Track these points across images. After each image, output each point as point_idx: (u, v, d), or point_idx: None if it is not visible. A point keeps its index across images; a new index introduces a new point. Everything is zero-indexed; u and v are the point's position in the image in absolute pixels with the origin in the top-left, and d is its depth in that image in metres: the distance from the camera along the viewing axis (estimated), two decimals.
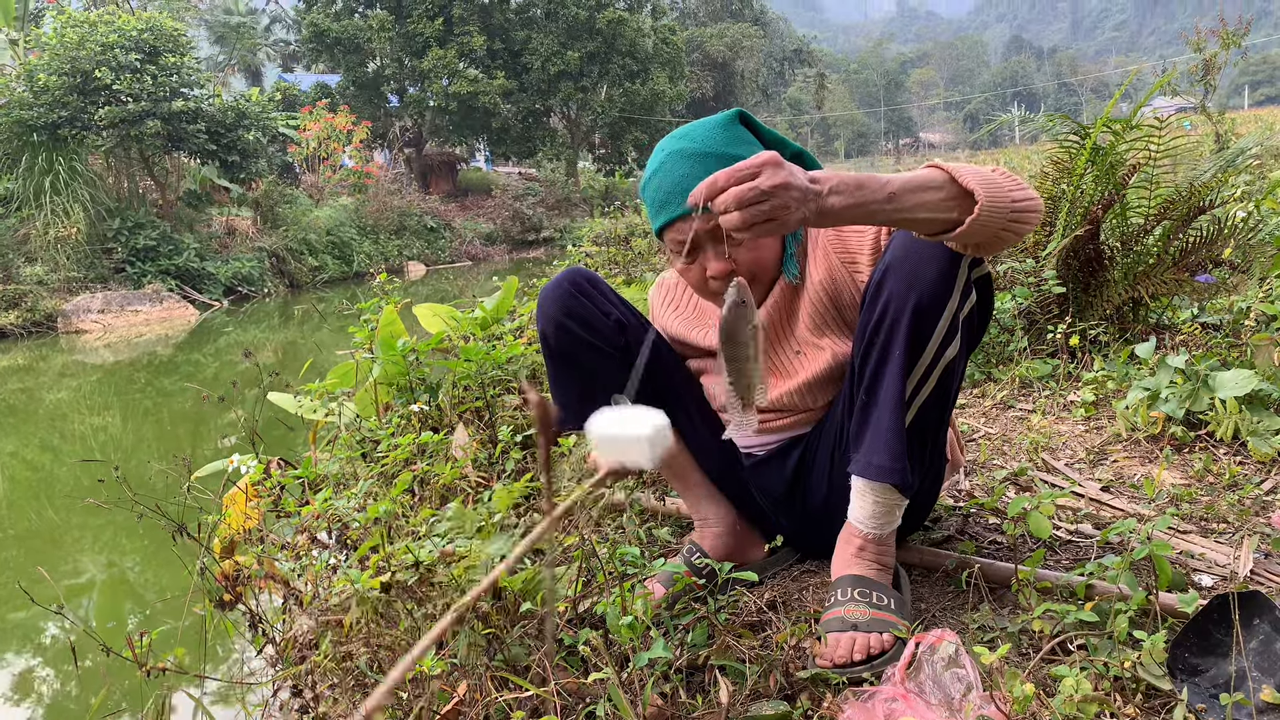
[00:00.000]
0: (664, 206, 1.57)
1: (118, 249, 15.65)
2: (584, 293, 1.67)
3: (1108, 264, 3.33)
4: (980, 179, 1.30)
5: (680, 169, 1.55)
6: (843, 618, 1.53)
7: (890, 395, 1.46)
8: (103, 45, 15.68)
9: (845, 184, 1.25)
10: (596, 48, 30.67)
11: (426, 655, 1.39)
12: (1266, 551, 1.76)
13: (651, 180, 1.60)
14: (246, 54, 42.13)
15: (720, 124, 1.58)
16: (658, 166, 1.59)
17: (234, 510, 2.79)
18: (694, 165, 1.54)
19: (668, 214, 1.57)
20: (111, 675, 2.49)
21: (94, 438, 7.41)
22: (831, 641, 1.49)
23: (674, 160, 1.56)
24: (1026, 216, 1.33)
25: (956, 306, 1.42)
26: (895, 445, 1.47)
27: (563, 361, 1.69)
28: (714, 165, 1.50)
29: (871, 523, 1.59)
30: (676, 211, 1.55)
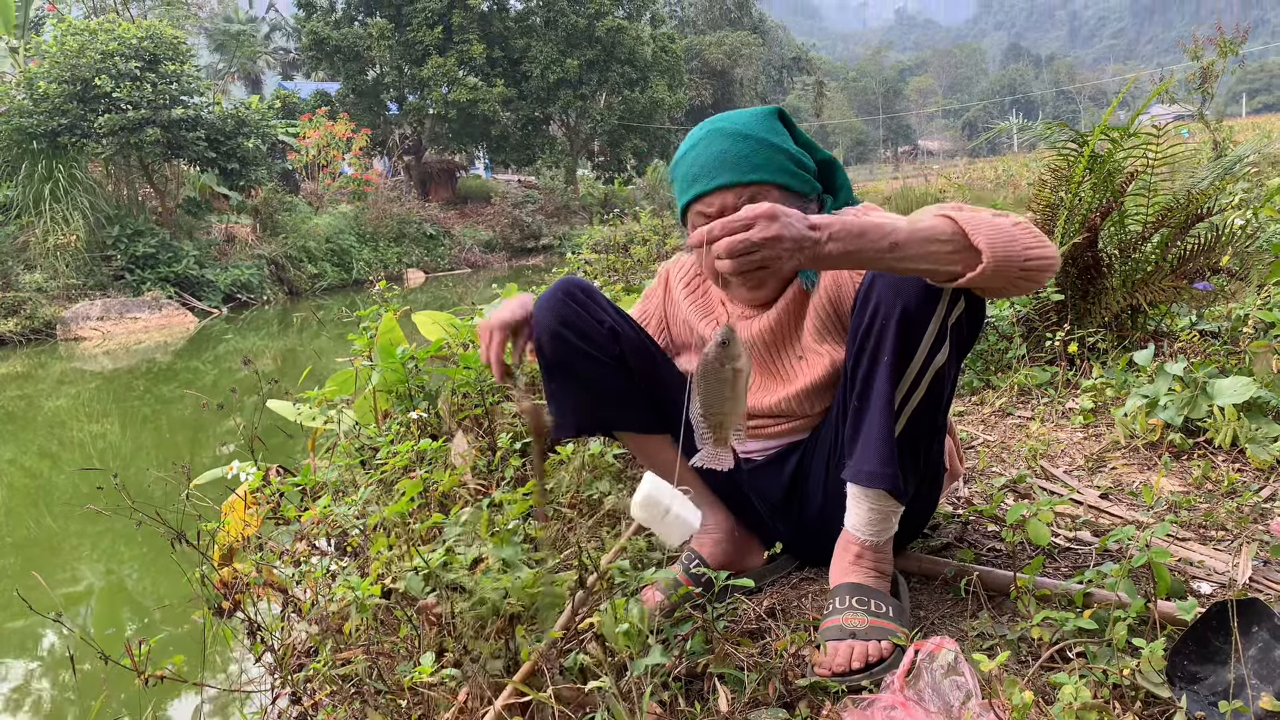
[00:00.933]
0: (696, 180, 1.57)
1: (117, 256, 15.66)
2: (578, 302, 1.67)
3: (1106, 271, 3.33)
4: (991, 235, 1.28)
5: (718, 145, 1.56)
6: (841, 625, 1.53)
7: (880, 402, 1.46)
8: (103, 53, 15.71)
9: (846, 231, 1.26)
10: (595, 56, 30.74)
11: (425, 663, 1.39)
12: (1265, 559, 1.76)
13: (686, 156, 1.60)
14: (246, 62, 42.22)
15: (761, 114, 1.61)
16: (694, 143, 1.59)
17: (233, 517, 2.79)
18: (733, 142, 1.55)
19: (700, 187, 1.56)
20: (110, 683, 2.49)
21: (93, 445, 7.40)
22: (830, 650, 1.49)
23: (712, 137, 1.57)
24: (1036, 275, 1.32)
25: (945, 313, 1.42)
26: (885, 451, 1.47)
27: (558, 371, 1.69)
28: (752, 146, 1.54)
29: (868, 530, 1.59)
30: (710, 184, 1.55)
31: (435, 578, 1.55)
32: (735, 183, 1.54)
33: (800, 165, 1.59)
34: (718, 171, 1.55)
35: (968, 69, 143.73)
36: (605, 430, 1.83)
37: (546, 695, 1.36)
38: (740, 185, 1.54)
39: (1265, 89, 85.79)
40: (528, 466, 2.80)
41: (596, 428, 1.81)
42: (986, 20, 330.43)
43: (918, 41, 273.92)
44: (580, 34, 30.32)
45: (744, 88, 48.28)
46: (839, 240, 1.25)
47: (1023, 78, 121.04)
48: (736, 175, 1.55)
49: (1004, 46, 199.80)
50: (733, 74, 47.02)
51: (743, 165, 1.55)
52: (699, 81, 44.73)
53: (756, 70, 50.56)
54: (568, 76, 29.96)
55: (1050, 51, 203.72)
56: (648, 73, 32.59)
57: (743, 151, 1.55)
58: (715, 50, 46.71)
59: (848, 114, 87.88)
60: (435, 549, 1.65)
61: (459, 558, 1.64)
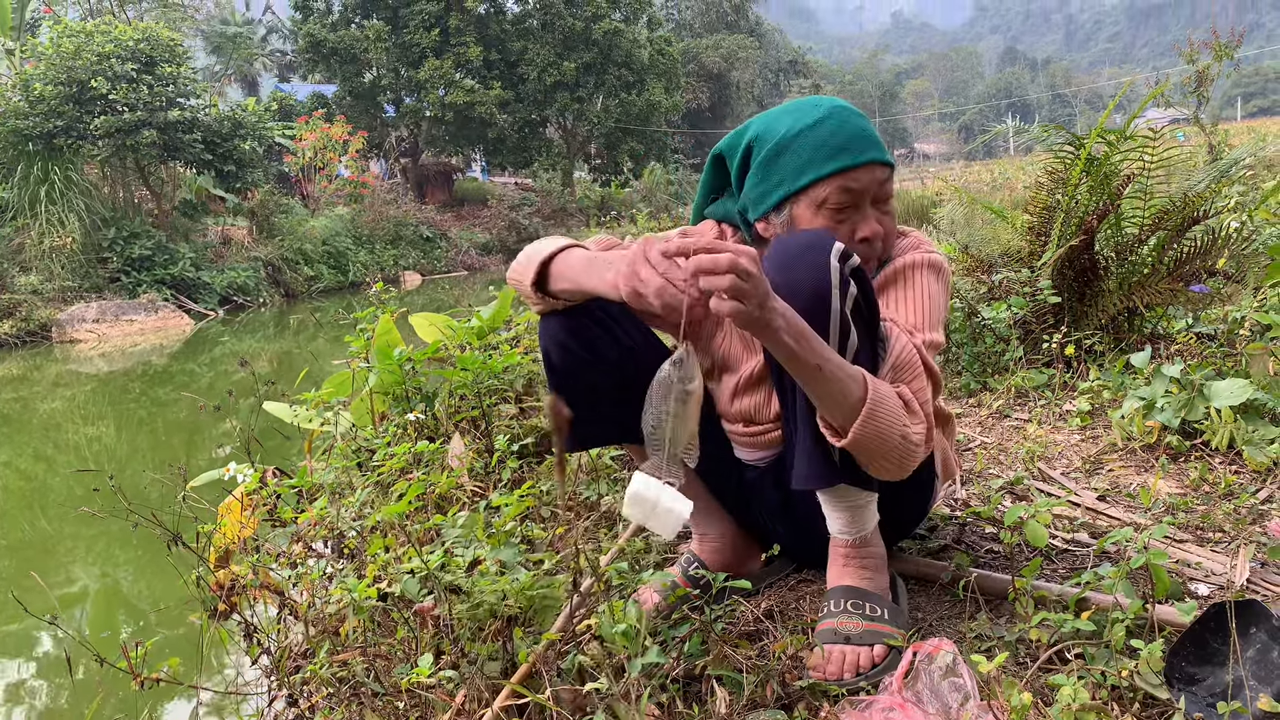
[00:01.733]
0: (844, 150, 1.49)
1: (113, 258, 15.64)
2: (595, 320, 1.61)
3: (1103, 274, 3.34)
4: (883, 414, 1.37)
5: (856, 121, 1.52)
6: (835, 629, 1.53)
7: (802, 410, 1.45)
8: (99, 55, 15.70)
9: (792, 323, 1.28)
10: (592, 58, 30.75)
11: (423, 664, 1.39)
12: (1263, 560, 1.76)
13: (819, 127, 1.51)
14: (243, 64, 42.19)
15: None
16: (824, 116, 1.52)
17: (229, 519, 2.78)
18: (865, 121, 1.53)
19: (849, 159, 1.49)
20: (105, 686, 2.48)
21: (88, 448, 7.39)
22: (824, 654, 1.49)
23: (844, 113, 1.53)
24: (901, 463, 1.41)
25: (840, 304, 1.40)
26: (814, 450, 1.46)
27: (565, 379, 1.65)
28: (874, 129, 1.53)
29: (849, 530, 1.59)
30: (860, 157, 1.49)
31: (433, 579, 1.54)
32: (883, 160, 1.51)
33: None
34: (867, 145, 1.50)
35: (964, 72, 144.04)
36: (611, 442, 1.82)
37: (545, 697, 1.36)
38: (885, 164, 1.52)
39: (1260, 93, 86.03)
40: (527, 469, 2.80)
41: (603, 440, 1.79)
42: (983, 24, 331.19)
43: (914, 45, 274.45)
44: (577, 37, 30.34)
45: (740, 91, 48.35)
46: (784, 320, 1.27)
47: (1019, 81, 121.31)
48: (883, 153, 1.52)
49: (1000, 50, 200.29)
50: (729, 77, 47.08)
51: (881, 146, 1.53)
52: (696, 85, 44.78)
53: (753, 73, 50.64)
54: (565, 79, 29.97)
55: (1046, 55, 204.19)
56: (644, 76, 32.61)
57: (875, 133, 1.53)
58: (712, 53, 46.78)
59: None
60: (433, 551, 1.65)
61: (457, 559, 1.64)
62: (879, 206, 1.54)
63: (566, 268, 1.50)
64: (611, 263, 1.40)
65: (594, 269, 1.44)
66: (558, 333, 1.60)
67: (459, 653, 1.53)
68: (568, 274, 1.50)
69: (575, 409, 1.68)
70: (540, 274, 1.53)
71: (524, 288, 1.56)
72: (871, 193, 1.52)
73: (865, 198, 1.52)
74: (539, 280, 1.53)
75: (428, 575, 1.56)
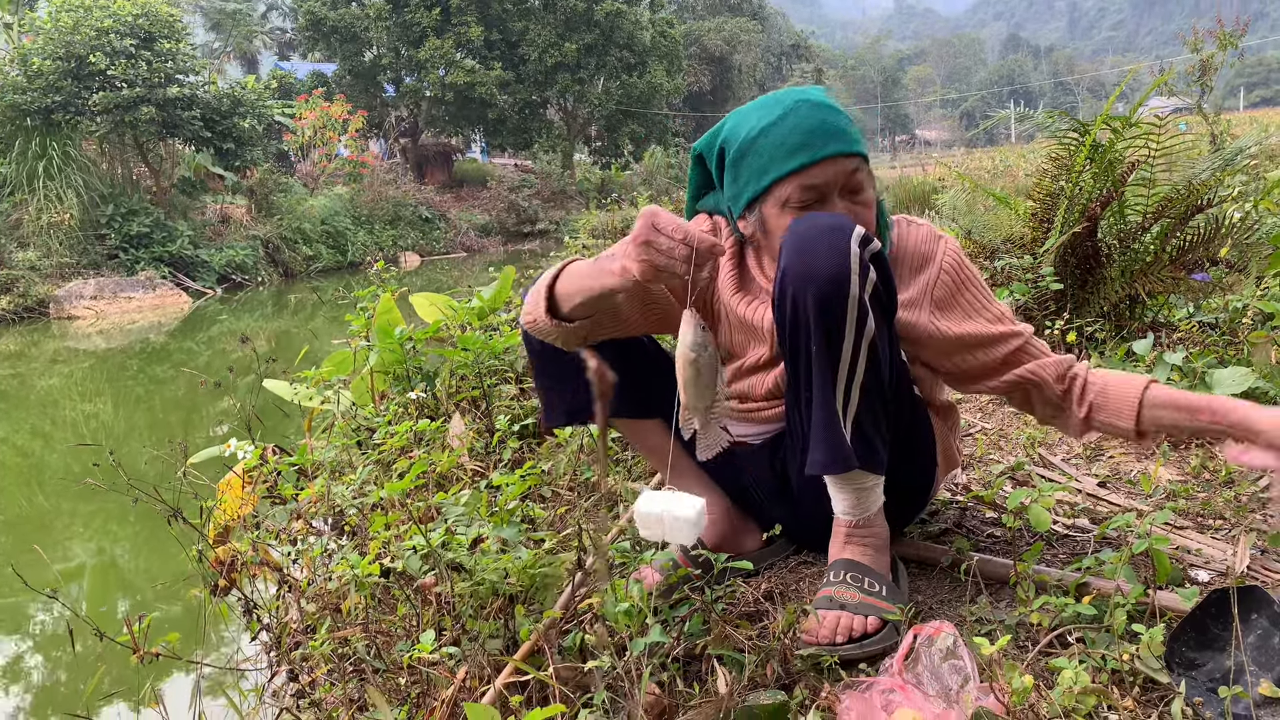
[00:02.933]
0: (803, 147, 1.46)
1: (111, 235, 15.59)
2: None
3: (1105, 261, 3.33)
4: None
5: (819, 114, 1.48)
6: (832, 597, 1.54)
7: (820, 391, 1.45)
8: (98, 30, 15.60)
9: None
10: (594, 40, 30.60)
11: (425, 641, 1.39)
12: (1263, 548, 1.76)
13: (778, 125, 1.48)
14: (242, 41, 41.96)
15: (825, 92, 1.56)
16: (785, 112, 1.48)
17: (229, 495, 2.78)
18: (829, 113, 1.48)
19: (811, 152, 1.46)
20: (105, 661, 2.49)
21: (85, 424, 7.38)
22: (818, 619, 1.50)
23: (807, 107, 1.49)
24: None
25: (859, 289, 1.40)
26: (832, 437, 1.46)
27: (547, 359, 1.65)
28: (845, 118, 1.49)
29: (854, 511, 1.60)
30: (819, 152, 1.46)
31: (434, 557, 1.54)
32: (846, 152, 1.47)
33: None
34: (828, 139, 1.46)
35: (966, 59, 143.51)
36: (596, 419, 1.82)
37: (547, 674, 1.36)
38: (849, 155, 1.48)
39: (1263, 83, 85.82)
40: (528, 449, 2.80)
41: (588, 416, 1.79)
42: (986, 10, 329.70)
43: (917, 31, 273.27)
44: (579, 17, 30.18)
45: (742, 74, 48.14)
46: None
47: (1021, 68, 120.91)
48: (847, 145, 1.48)
49: (1003, 37, 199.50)
50: (731, 60, 46.87)
51: (848, 137, 1.48)
52: (697, 67, 44.58)
53: (755, 57, 50.41)
54: (566, 60, 29.83)
55: (1049, 42, 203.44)
56: (646, 58, 32.46)
57: (841, 123, 1.49)
58: (714, 36, 46.54)
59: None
60: (435, 528, 1.65)
61: (459, 537, 1.64)
62: (851, 198, 1.51)
63: (571, 282, 1.49)
64: (613, 254, 1.39)
65: (598, 269, 1.43)
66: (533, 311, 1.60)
67: (460, 630, 1.53)
68: (575, 286, 1.48)
69: (559, 388, 1.69)
70: (550, 301, 1.51)
71: (541, 322, 1.54)
72: (838, 185, 1.49)
73: (831, 192, 1.49)
74: (551, 307, 1.51)
75: (429, 552, 1.56)
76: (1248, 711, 1.22)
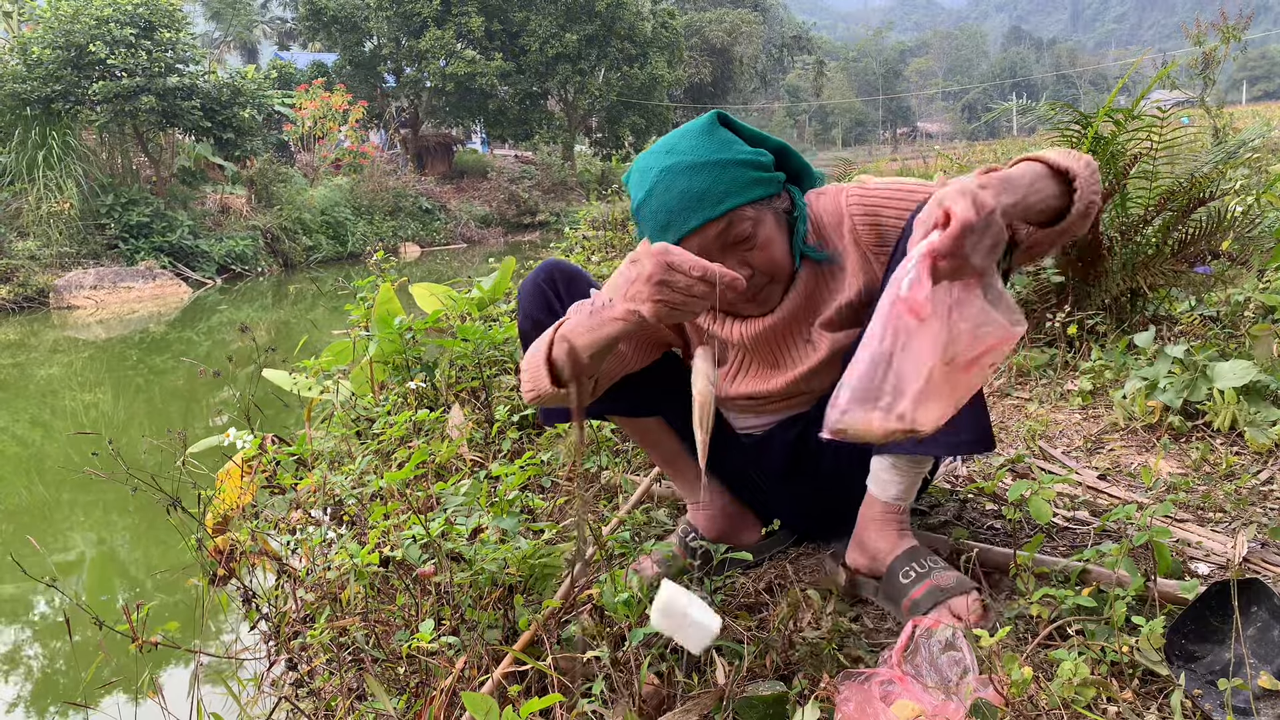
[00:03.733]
0: (668, 227, 1.49)
1: (111, 225, 15.57)
2: (558, 291, 1.62)
3: (1107, 254, 3.32)
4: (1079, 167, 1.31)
5: (678, 184, 1.48)
6: (939, 587, 1.53)
7: None
8: (97, 19, 15.56)
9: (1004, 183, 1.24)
10: (595, 30, 30.52)
11: (424, 630, 1.39)
12: (1263, 541, 1.76)
13: (648, 202, 1.51)
14: (242, 31, 41.86)
15: (702, 131, 1.53)
16: (651, 187, 1.51)
17: (229, 484, 2.78)
18: (690, 178, 1.48)
19: (673, 234, 1.48)
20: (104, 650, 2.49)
21: (85, 414, 7.38)
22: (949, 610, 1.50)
23: (668, 177, 1.49)
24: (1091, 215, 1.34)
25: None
26: (979, 417, 1.47)
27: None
28: (710, 175, 1.47)
29: (905, 495, 1.62)
30: (682, 230, 1.47)
31: (434, 546, 1.54)
32: (708, 219, 1.47)
33: (760, 167, 1.52)
34: (688, 214, 1.47)
35: (969, 51, 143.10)
36: (595, 415, 1.82)
37: (546, 664, 1.36)
38: (713, 220, 1.47)
39: (1266, 76, 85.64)
40: (527, 440, 2.79)
41: (588, 413, 1.78)
42: (989, 2, 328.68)
43: (919, 23, 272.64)
44: (580, 8, 30.09)
45: (744, 66, 48.04)
46: (1006, 192, 1.22)
47: (1024, 61, 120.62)
48: (708, 211, 1.47)
49: (1005, 29, 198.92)
50: (733, 52, 46.74)
51: (709, 199, 1.47)
52: (699, 59, 44.47)
53: (756, 49, 50.30)
54: (566, 51, 29.76)
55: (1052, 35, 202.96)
56: (647, 49, 32.38)
57: (704, 185, 1.47)
58: (715, 27, 46.40)
59: (847, 94, 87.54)
60: (434, 518, 1.64)
61: (458, 527, 1.63)
62: (738, 249, 1.51)
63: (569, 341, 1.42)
64: (609, 300, 1.35)
65: (596, 320, 1.38)
66: (532, 310, 1.62)
67: (459, 620, 1.53)
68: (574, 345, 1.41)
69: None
70: (553, 372, 1.45)
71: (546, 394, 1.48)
72: (713, 248, 1.48)
73: (713, 253, 1.48)
74: (555, 378, 1.46)
75: (429, 542, 1.56)
76: (1247, 704, 1.22)
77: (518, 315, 1.65)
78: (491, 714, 1.03)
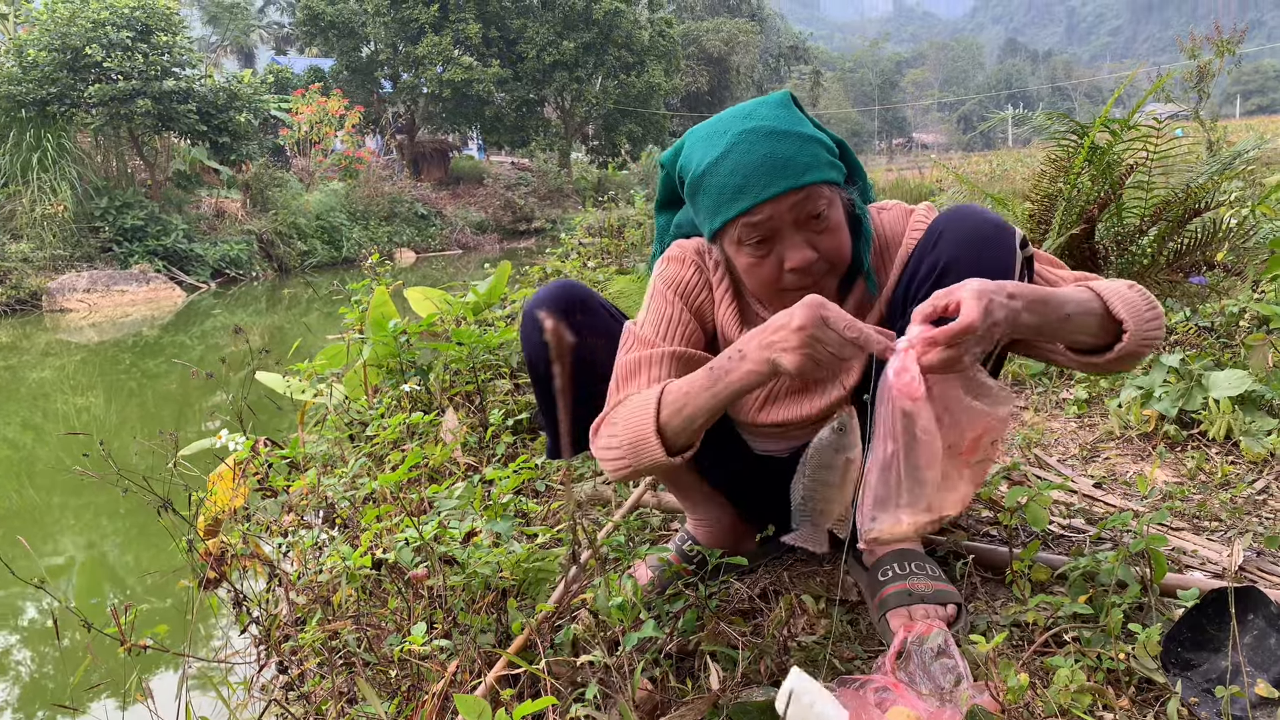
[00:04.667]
0: (742, 190, 1.39)
1: (105, 228, 15.54)
2: (573, 323, 1.54)
3: (1102, 263, 3.33)
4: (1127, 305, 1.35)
5: (761, 147, 1.40)
6: (909, 590, 1.52)
7: None
8: (94, 22, 15.55)
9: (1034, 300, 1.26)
10: (592, 38, 30.59)
11: (416, 633, 1.37)
12: (1259, 549, 1.75)
13: (721, 163, 1.41)
14: (239, 35, 41.87)
15: (779, 103, 1.47)
16: (728, 148, 1.41)
17: (221, 487, 2.76)
18: (775, 143, 1.40)
19: (750, 198, 1.39)
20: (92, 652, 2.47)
21: (77, 417, 7.35)
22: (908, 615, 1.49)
23: (750, 139, 1.41)
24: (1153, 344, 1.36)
25: None
26: None
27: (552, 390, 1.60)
28: (795, 144, 1.40)
29: None
30: (763, 194, 1.38)
31: (427, 549, 1.53)
32: (790, 188, 1.39)
33: (832, 152, 1.47)
34: (770, 178, 1.38)
35: (965, 63, 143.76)
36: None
37: (539, 668, 1.35)
38: (795, 190, 1.39)
39: (1259, 91, 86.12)
40: (521, 445, 2.78)
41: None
42: (985, 14, 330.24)
43: (915, 34, 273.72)
44: (577, 16, 30.16)
45: (740, 75, 48.18)
46: (1030, 311, 1.24)
47: (1019, 73, 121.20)
48: (791, 179, 1.39)
49: (1001, 41, 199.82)
50: (730, 61, 46.89)
51: (794, 168, 1.39)
52: (695, 68, 44.61)
53: (753, 58, 50.47)
54: (564, 58, 29.81)
55: (1048, 47, 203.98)
56: (644, 57, 32.46)
57: (788, 152, 1.40)
58: (713, 37, 46.55)
59: (844, 104, 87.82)
60: (427, 521, 1.63)
61: (452, 531, 1.62)
62: (808, 227, 1.43)
63: (687, 406, 1.37)
64: (744, 354, 1.31)
65: (722, 374, 1.33)
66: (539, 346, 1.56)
67: (451, 623, 1.52)
68: (696, 406, 1.36)
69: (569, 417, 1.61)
70: (665, 441, 1.39)
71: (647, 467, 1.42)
72: (788, 221, 1.41)
73: (782, 227, 1.42)
74: (667, 445, 1.40)
75: (422, 545, 1.55)
76: (1244, 712, 1.22)
77: (524, 345, 1.58)
78: (484, 716, 1.02)
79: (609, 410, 1.48)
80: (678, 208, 1.68)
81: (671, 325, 1.56)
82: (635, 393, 1.47)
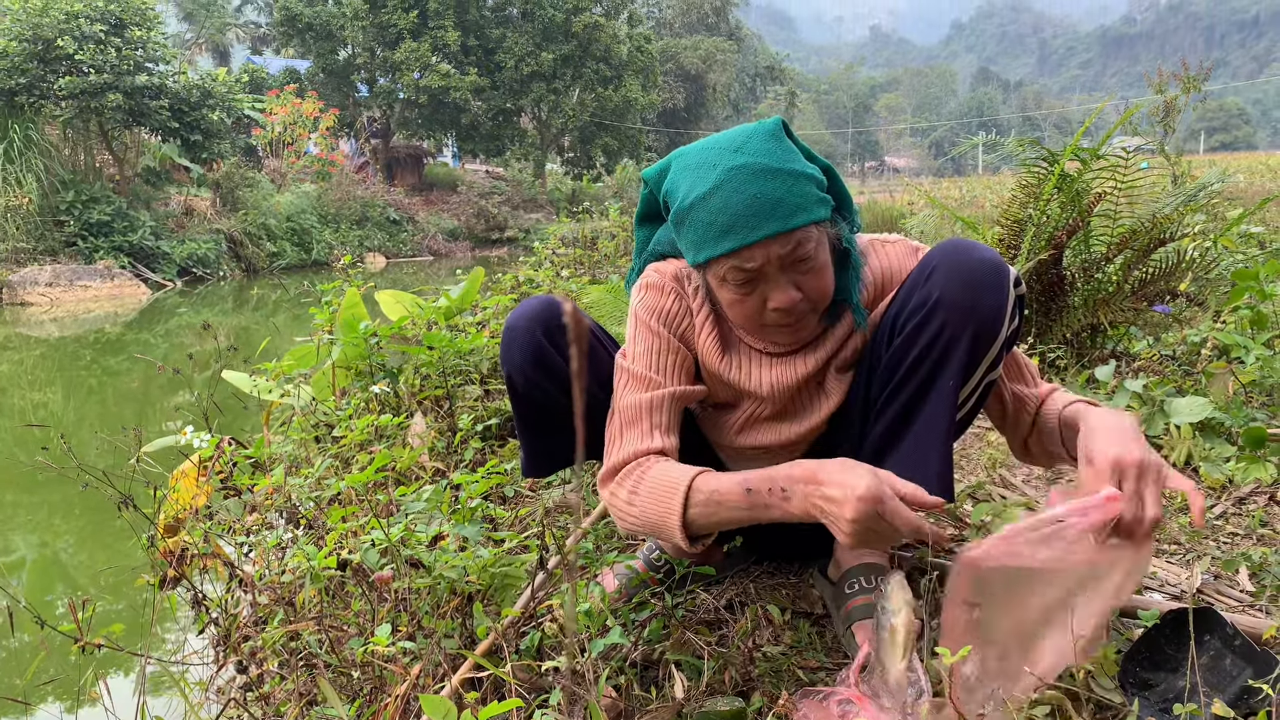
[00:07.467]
0: (730, 230, 1.36)
1: (70, 222, 15.30)
2: (558, 344, 1.52)
3: (1069, 289, 3.38)
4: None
5: (750, 187, 1.35)
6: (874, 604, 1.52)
7: (938, 421, 1.41)
8: (67, 14, 15.36)
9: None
10: (571, 51, 30.68)
11: (380, 634, 1.36)
12: (1216, 573, 1.79)
13: (708, 199, 1.37)
14: (215, 33, 41.52)
15: (770, 135, 1.42)
16: (717, 184, 1.37)
17: (183, 484, 2.73)
18: (764, 182, 1.36)
19: (738, 239, 1.36)
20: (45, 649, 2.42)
21: (33, 413, 7.21)
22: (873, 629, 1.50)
23: (739, 176, 1.36)
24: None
25: (1007, 332, 1.39)
26: (946, 470, 1.42)
27: (531, 408, 1.56)
28: (785, 183, 1.37)
29: None
30: (752, 236, 1.35)
31: (393, 552, 1.52)
32: (778, 232, 1.35)
33: (820, 187, 1.43)
34: (758, 220, 1.35)
35: (938, 89, 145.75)
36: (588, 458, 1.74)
37: (505, 671, 1.34)
38: (782, 234, 1.36)
39: (1223, 128, 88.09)
40: (490, 450, 2.77)
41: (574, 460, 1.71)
42: (959, 43, 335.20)
43: (890, 59, 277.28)
44: (557, 28, 30.24)
45: (717, 93, 48.52)
46: None
47: (991, 101, 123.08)
48: (779, 223, 1.35)
49: (974, 70, 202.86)
50: (706, 79, 47.21)
51: (782, 210, 1.35)
52: (673, 84, 44.87)
53: (730, 77, 50.85)
54: (542, 69, 29.86)
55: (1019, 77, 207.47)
56: (622, 71, 32.60)
57: (778, 193, 1.36)
58: (691, 54, 46.86)
59: (818, 126, 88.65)
60: (394, 524, 1.62)
61: (418, 535, 1.61)
62: (795, 269, 1.40)
63: (718, 515, 1.37)
64: (788, 497, 1.31)
65: (754, 502, 1.34)
66: (523, 363, 1.52)
67: (416, 626, 1.51)
68: (725, 517, 1.38)
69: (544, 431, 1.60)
70: (687, 532, 1.39)
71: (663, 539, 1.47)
72: (776, 264, 1.39)
73: (768, 268, 1.39)
74: (690, 537, 1.40)
75: (388, 547, 1.53)
76: None
77: (504, 362, 1.55)
78: (450, 717, 1.01)
79: (619, 461, 1.46)
80: (659, 223, 1.66)
81: (663, 356, 1.54)
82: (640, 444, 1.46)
